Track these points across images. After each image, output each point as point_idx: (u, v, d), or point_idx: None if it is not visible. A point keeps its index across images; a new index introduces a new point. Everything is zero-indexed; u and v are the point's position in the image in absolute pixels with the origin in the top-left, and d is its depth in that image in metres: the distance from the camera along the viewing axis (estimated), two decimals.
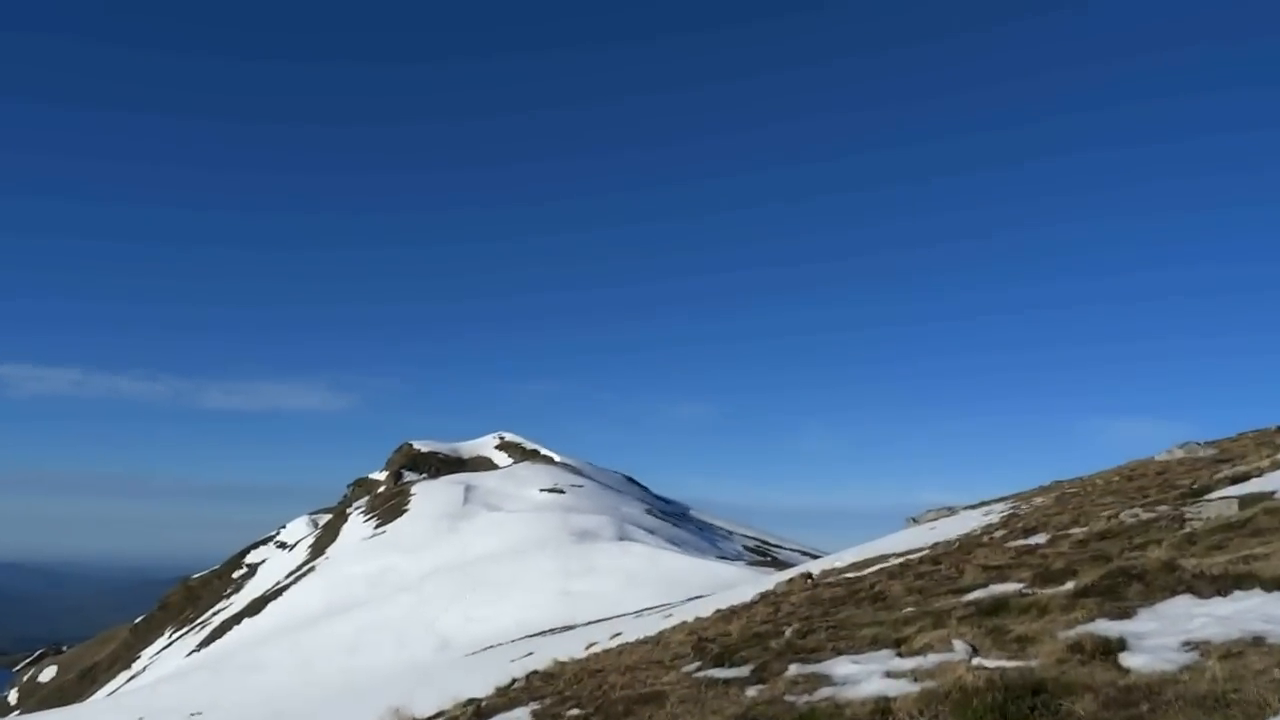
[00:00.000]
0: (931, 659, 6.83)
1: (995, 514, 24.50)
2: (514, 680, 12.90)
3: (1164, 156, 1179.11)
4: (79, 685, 74.66)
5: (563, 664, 13.52)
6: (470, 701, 11.28)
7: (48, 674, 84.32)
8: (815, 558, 49.33)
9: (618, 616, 30.63)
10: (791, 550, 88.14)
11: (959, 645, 6.70)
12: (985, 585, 10.05)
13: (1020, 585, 9.44)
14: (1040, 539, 14.42)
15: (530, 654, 21.86)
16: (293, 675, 37.40)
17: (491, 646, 31.23)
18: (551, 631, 31.92)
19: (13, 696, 79.57)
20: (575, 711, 8.27)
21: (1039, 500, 24.81)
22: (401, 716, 12.78)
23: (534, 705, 9.35)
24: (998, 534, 17.65)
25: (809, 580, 17.33)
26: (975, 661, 6.24)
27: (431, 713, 12.58)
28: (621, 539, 59.39)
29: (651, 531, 68.58)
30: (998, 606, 8.39)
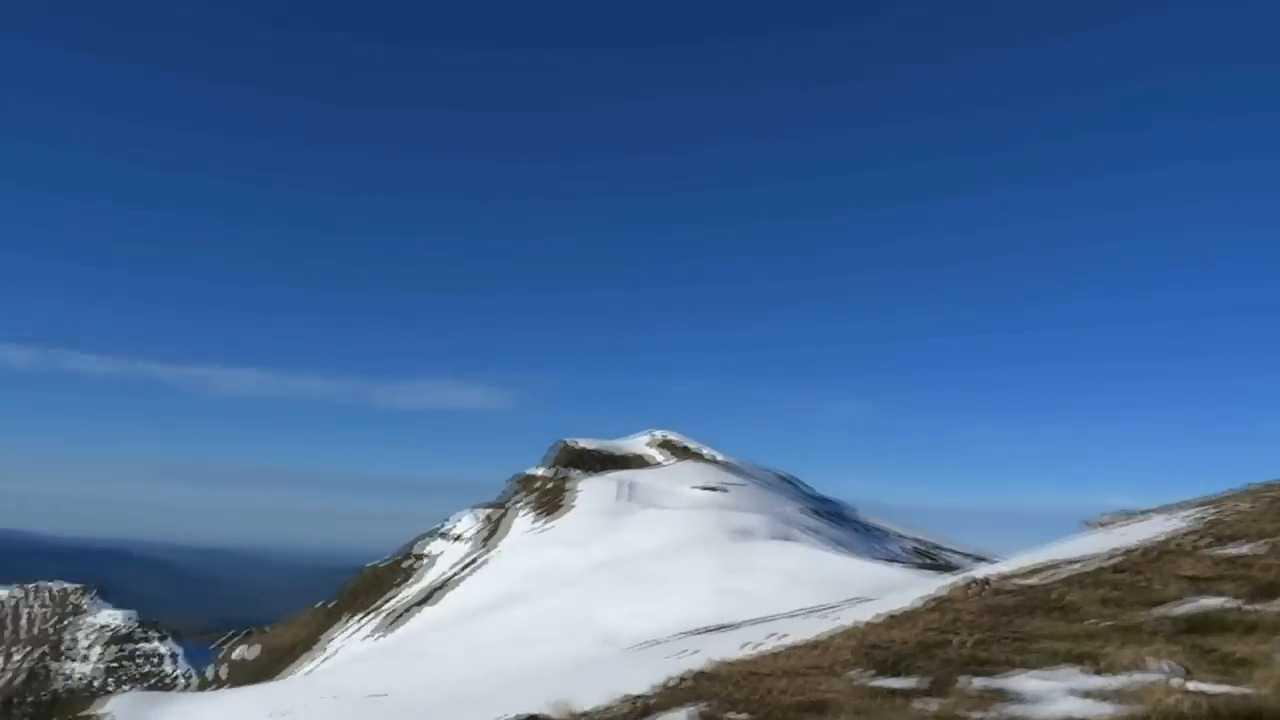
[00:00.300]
0: (1128, 679, 6.27)
1: (1186, 519, 22.62)
2: (675, 678, 12.88)
3: None
4: (275, 664, 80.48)
5: (724, 664, 13.39)
6: (634, 698, 11.33)
7: (249, 652, 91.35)
8: (984, 562, 47.26)
9: (776, 617, 30.26)
10: (957, 554, 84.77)
11: (1161, 665, 6.12)
12: (1186, 598, 9.19)
13: (1228, 599, 8.58)
14: (1246, 548, 13.12)
15: (689, 652, 21.86)
16: (464, 662, 38.94)
17: (651, 643, 31.49)
18: (710, 630, 31.88)
19: (219, 671, 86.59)
20: (739, 715, 8.13)
21: (1241, 505, 22.72)
22: (566, 708, 12.99)
23: (697, 706, 9.26)
24: (1195, 541, 16.23)
25: (982, 587, 16.48)
26: (1182, 684, 5.66)
27: (594, 706, 12.73)
28: (780, 538, 58.77)
29: (811, 531, 67.51)
30: (1202, 623, 7.64)
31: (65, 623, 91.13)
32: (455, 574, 71.50)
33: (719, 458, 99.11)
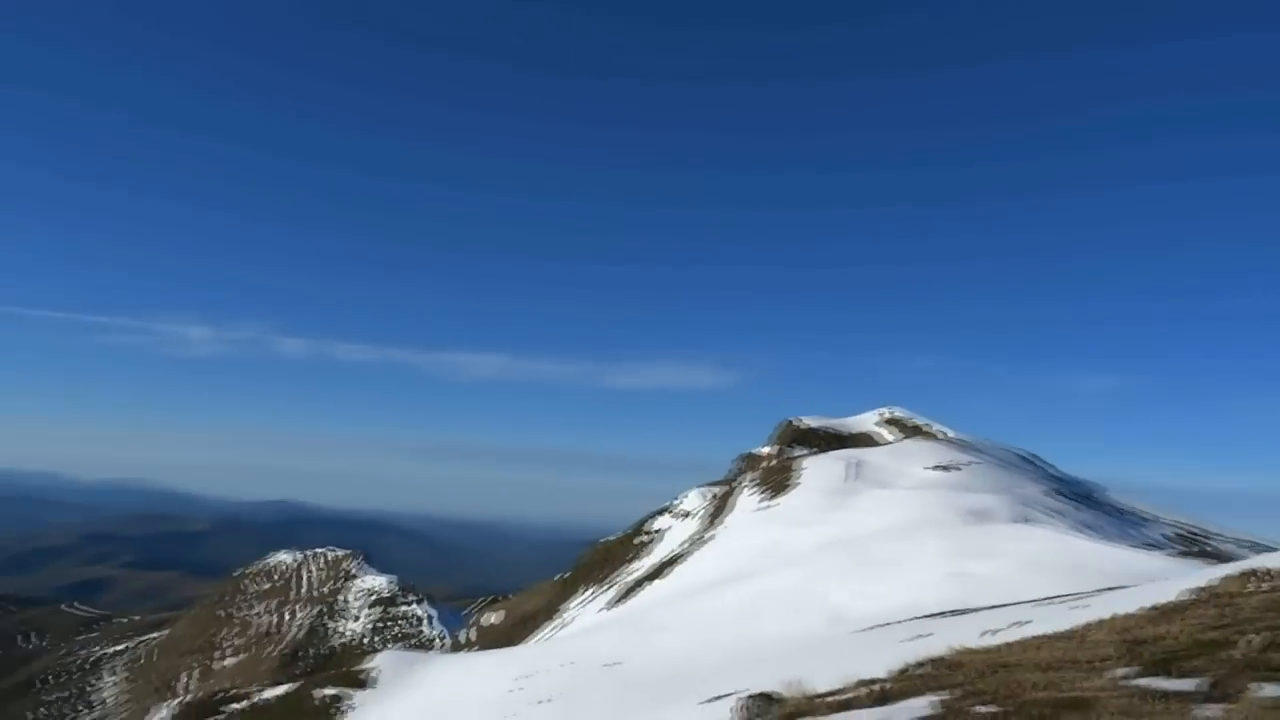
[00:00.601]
0: None
1: None
2: (913, 664, 12.35)
3: None
4: (517, 630, 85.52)
5: (966, 652, 12.69)
6: (869, 682, 10.97)
7: (494, 618, 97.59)
8: (1264, 551, 42.23)
9: (1017, 604, 28.49)
10: (1230, 541, 76.42)
11: None
12: None
13: None
14: None
15: (923, 636, 20.99)
16: (693, 637, 39.56)
17: (882, 625, 30.58)
18: (944, 614, 30.52)
19: (470, 634, 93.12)
20: (987, 709, 7.62)
21: None
22: (799, 689, 12.78)
23: (938, 695, 8.79)
24: None
25: (1264, 579, 14.66)
26: None
27: (828, 689, 12.44)
28: (1019, 520, 55.35)
29: (1055, 513, 63.13)
30: None
31: (339, 585, 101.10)
32: (683, 550, 72.77)
33: (951, 435, 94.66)
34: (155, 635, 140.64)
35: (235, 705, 35.97)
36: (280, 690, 37.75)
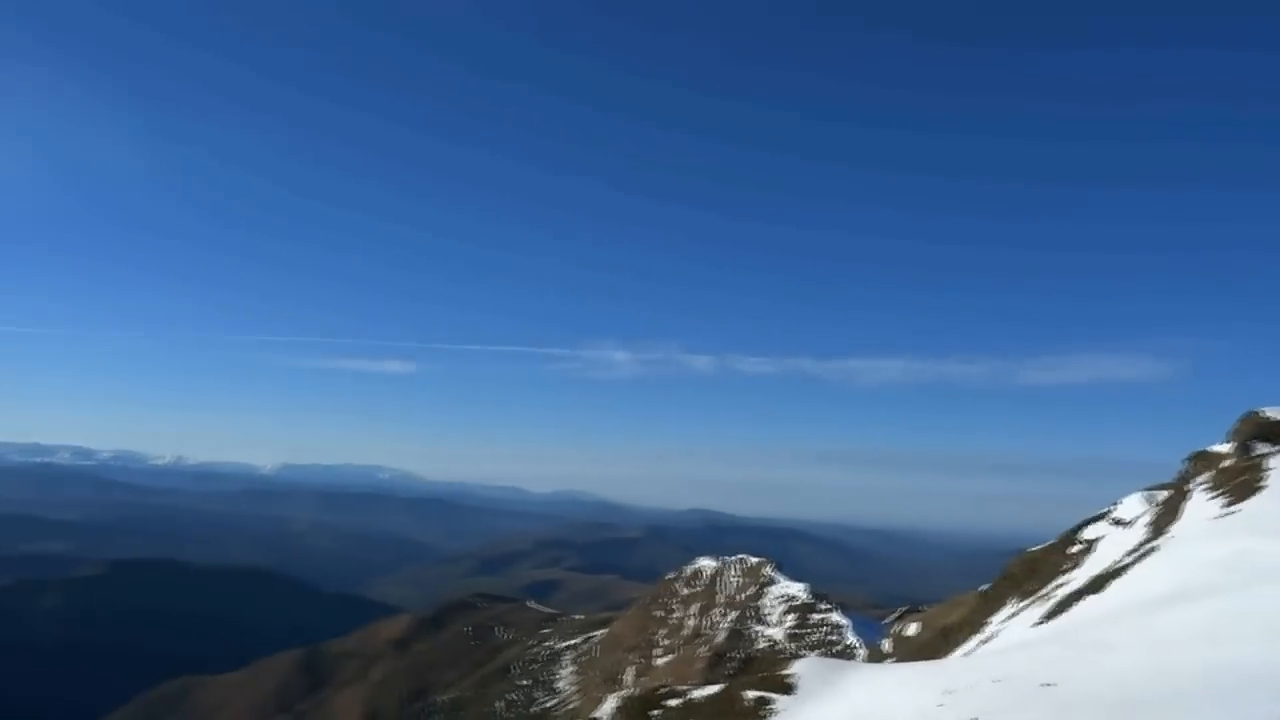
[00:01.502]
0: None
1: None
2: None
3: None
4: (938, 643, 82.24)
5: None
6: None
7: (911, 629, 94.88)
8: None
9: None
10: None
11: None
12: None
13: None
14: None
15: None
16: (1142, 660, 35.17)
17: None
18: None
19: (887, 645, 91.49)
20: None
21: None
22: None
23: None
24: None
25: None
26: None
27: None
28: None
29: None
30: None
31: (757, 591, 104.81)
32: (1124, 561, 65.24)
33: None
34: (599, 633, 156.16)
35: (672, 701, 38.56)
36: (710, 690, 39.82)
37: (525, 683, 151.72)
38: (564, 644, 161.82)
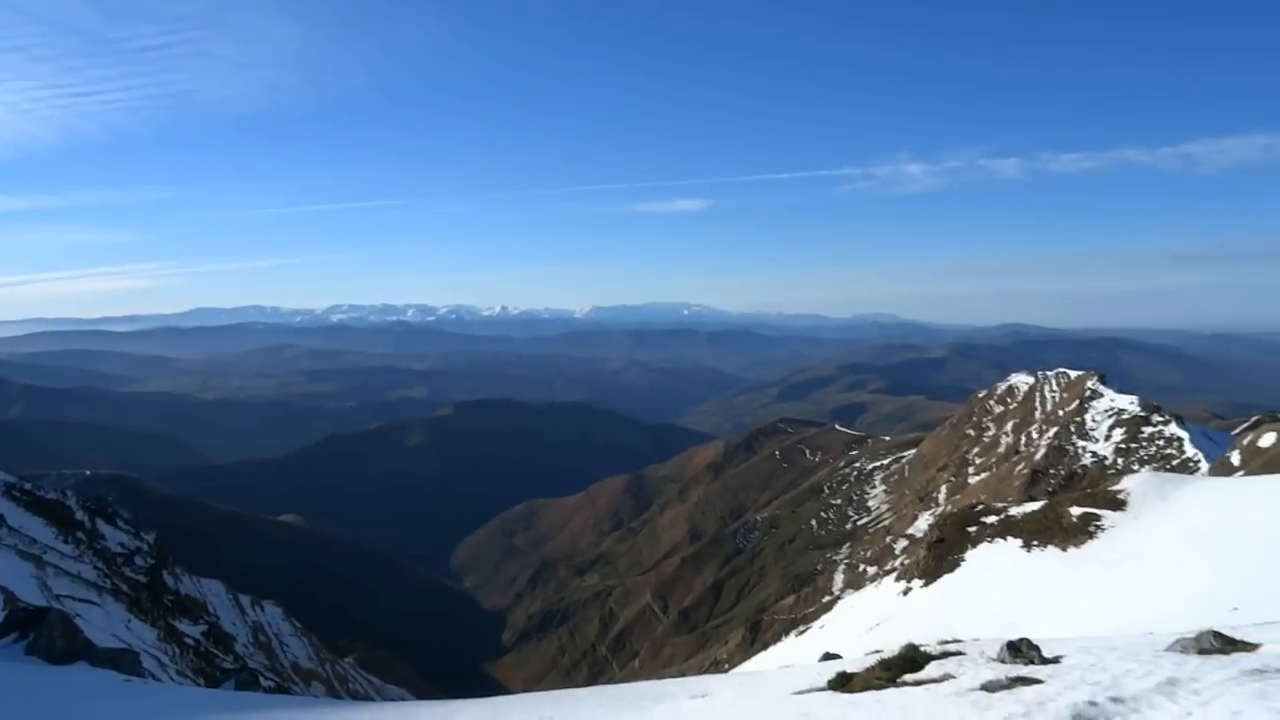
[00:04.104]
0: None
1: None
2: None
3: None
4: None
5: None
6: None
7: (1268, 439, 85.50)
8: None
9: None
10: None
11: None
12: None
13: None
14: None
15: None
16: None
17: None
18: None
19: (1235, 458, 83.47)
20: None
21: None
22: None
23: None
24: None
25: None
26: None
27: None
28: None
29: None
30: None
31: (1080, 406, 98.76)
32: None
33: None
34: (908, 453, 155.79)
35: (990, 519, 38.19)
36: (1031, 507, 38.85)
37: (837, 502, 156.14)
38: (873, 465, 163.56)
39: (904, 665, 10.72)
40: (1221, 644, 9.46)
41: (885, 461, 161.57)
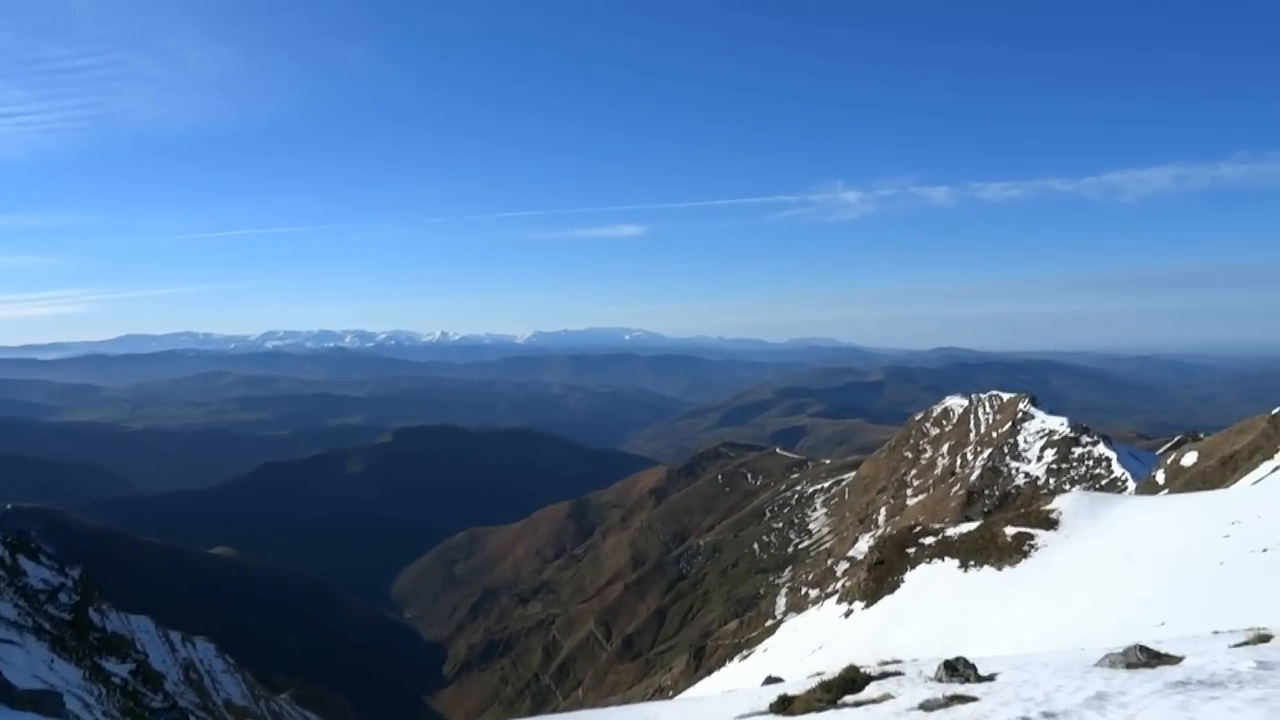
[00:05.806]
0: None
1: None
2: None
3: None
4: (1221, 472, 76.38)
5: None
6: None
7: (1188, 458, 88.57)
8: None
9: None
10: None
11: None
12: None
13: None
14: None
15: None
16: None
17: None
18: None
19: (1159, 476, 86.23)
20: None
21: None
22: None
23: None
24: None
25: None
26: None
27: None
28: None
29: None
30: None
31: (1012, 428, 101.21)
32: None
33: None
34: (848, 475, 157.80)
35: (928, 540, 38.81)
36: (967, 528, 39.61)
37: (779, 525, 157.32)
38: (814, 488, 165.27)
39: (844, 687, 10.87)
40: (1148, 658, 9.79)
41: (826, 484, 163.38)
